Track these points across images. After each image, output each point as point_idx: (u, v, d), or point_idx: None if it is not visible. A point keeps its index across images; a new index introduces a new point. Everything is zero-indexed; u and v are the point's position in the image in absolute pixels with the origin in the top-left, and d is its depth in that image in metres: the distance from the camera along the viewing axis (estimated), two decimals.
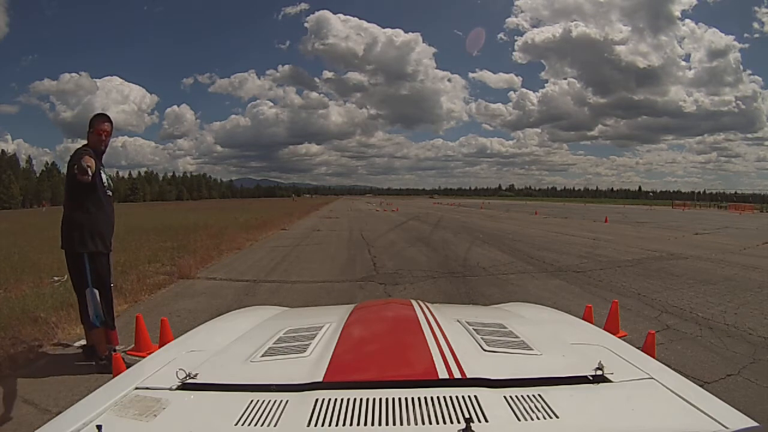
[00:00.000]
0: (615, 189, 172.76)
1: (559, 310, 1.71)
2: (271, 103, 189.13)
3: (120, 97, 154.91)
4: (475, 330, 1.12)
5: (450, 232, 13.24)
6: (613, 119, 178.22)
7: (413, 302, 1.37)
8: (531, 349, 1.01)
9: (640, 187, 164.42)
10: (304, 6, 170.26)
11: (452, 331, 1.08)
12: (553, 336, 1.21)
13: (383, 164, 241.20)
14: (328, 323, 1.20)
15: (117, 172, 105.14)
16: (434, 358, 0.92)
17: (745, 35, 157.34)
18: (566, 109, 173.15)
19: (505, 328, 1.17)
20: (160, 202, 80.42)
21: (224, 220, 17.64)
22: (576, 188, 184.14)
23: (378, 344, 1.11)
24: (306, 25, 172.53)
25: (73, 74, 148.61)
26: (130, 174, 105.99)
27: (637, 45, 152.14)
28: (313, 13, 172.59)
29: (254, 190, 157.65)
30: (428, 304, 1.36)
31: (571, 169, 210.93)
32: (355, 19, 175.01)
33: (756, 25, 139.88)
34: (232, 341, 1.19)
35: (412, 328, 1.11)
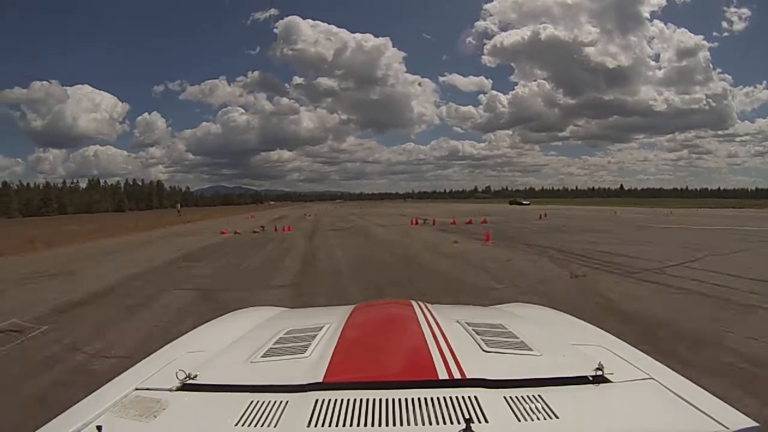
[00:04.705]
0: (595, 188, 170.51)
1: (559, 311, 1.63)
2: (242, 110, 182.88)
3: (91, 105, 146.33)
4: (474, 330, 1.11)
5: None
6: (583, 119, 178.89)
7: (413, 303, 1.36)
8: (531, 350, 1.01)
9: (622, 185, 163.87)
10: (273, 11, 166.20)
11: (452, 332, 1.08)
12: (553, 336, 1.21)
13: (355, 169, 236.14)
14: (328, 324, 1.20)
15: (40, 183, 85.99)
16: (434, 359, 0.91)
17: (714, 34, 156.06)
18: (537, 111, 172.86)
19: (505, 328, 1.17)
20: (85, 214, 64.70)
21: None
22: (554, 188, 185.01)
23: (378, 345, 1.08)
24: (275, 30, 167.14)
25: (44, 82, 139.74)
26: (47, 183, 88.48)
27: (606, 46, 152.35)
28: (283, 19, 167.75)
29: (210, 198, 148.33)
30: (428, 305, 1.35)
31: (543, 170, 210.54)
32: (324, 24, 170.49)
33: (725, 24, 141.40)
34: (232, 342, 1.18)
35: (412, 329, 1.10)
